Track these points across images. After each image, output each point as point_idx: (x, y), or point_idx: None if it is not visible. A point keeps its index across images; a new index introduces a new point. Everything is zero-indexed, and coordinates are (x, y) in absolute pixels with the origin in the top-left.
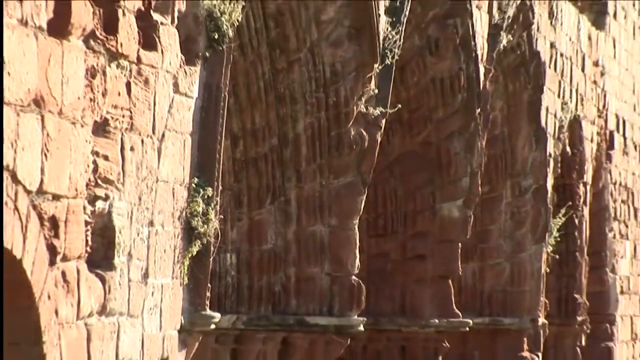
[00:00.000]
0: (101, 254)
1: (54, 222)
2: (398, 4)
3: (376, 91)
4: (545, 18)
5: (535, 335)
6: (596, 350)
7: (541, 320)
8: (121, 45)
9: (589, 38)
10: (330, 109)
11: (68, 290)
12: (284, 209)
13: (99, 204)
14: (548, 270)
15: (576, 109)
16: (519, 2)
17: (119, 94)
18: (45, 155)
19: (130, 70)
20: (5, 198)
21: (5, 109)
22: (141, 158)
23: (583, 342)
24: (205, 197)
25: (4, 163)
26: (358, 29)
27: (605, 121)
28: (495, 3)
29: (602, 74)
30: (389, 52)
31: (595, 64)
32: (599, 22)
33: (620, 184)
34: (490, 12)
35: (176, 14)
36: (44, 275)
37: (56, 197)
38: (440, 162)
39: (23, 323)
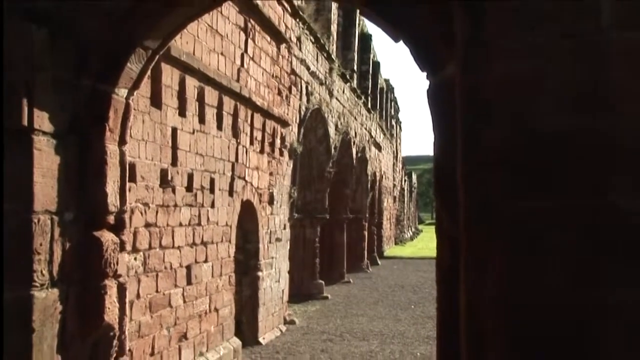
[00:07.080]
0: (271, 201)
1: (260, 194)
2: (337, 145)
3: (331, 166)
4: (367, 147)
5: (365, 219)
6: (380, 229)
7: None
8: (274, 154)
9: (378, 154)
10: (320, 170)
11: (264, 208)
12: (311, 191)
13: (270, 191)
14: (368, 204)
15: (374, 169)
16: (363, 145)
17: (275, 165)
18: (259, 179)
19: (277, 160)
20: (248, 187)
21: (249, 170)
22: (279, 180)
23: (375, 221)
24: (294, 188)
25: (249, 181)
26: (326, 153)
27: (380, 173)
28: (358, 144)
29: (380, 162)
30: (334, 156)
31: (379, 160)
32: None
33: (384, 187)
34: (355, 149)
35: (288, 148)
36: (260, 206)
37: (261, 189)
38: (344, 182)
39: (253, 221)
